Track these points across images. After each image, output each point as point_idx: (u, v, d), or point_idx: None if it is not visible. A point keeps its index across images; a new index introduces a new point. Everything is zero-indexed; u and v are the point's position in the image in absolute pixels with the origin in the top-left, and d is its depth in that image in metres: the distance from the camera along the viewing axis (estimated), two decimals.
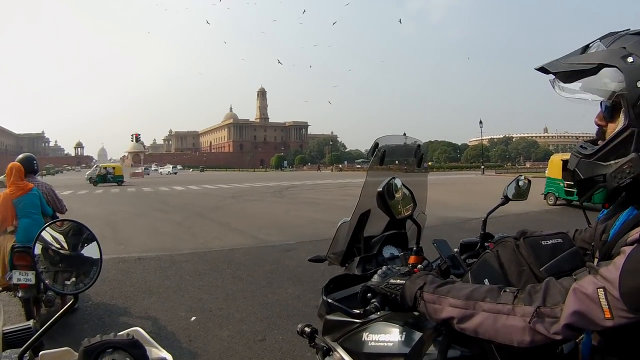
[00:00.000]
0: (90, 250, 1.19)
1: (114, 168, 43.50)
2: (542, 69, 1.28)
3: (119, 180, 41.76)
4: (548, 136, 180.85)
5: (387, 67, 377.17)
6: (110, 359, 0.94)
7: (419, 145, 2.47)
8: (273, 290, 6.33)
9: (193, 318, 5.28)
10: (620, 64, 1.14)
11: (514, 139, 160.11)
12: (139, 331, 1.26)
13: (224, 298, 6.04)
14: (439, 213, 12.35)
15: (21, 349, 1.07)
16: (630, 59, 1.12)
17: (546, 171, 18.44)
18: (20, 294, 4.75)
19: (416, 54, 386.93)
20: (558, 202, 17.16)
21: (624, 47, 1.14)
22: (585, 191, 1.29)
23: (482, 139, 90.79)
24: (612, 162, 1.19)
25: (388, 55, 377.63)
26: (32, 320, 1.33)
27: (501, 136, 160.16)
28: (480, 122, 65.42)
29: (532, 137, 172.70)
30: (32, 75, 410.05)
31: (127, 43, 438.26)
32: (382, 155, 2.35)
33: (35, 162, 5.68)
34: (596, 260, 1.27)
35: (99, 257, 1.19)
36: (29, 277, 4.71)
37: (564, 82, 1.25)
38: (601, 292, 1.01)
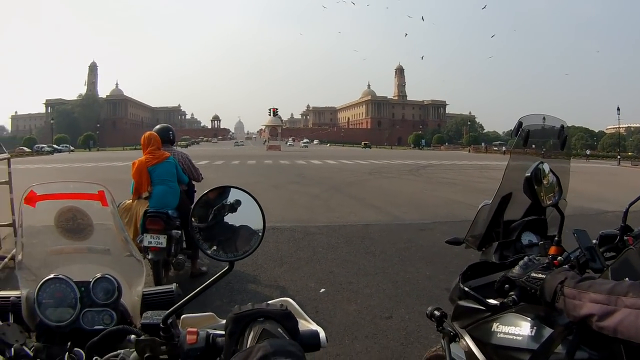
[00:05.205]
0: (249, 219, 1.14)
1: None
2: None
3: None
4: None
5: (524, 47, 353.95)
6: (261, 327, 0.92)
7: (562, 126, 2.29)
8: (404, 269, 6.27)
9: (322, 290, 5.39)
10: None
11: None
12: (291, 302, 1.24)
13: (355, 272, 6.09)
14: (573, 202, 11.25)
15: (167, 312, 1.06)
16: None
17: None
18: (150, 257, 4.97)
19: (552, 32, 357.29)
20: None
21: None
22: None
23: (619, 127, 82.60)
24: None
25: (525, 34, 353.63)
26: (174, 284, 1.36)
27: (639, 125, 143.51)
28: (618, 109, 60.77)
29: None
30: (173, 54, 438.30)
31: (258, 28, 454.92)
32: (525, 136, 2.24)
33: (171, 132, 5.95)
34: None
35: (261, 226, 1.14)
36: (160, 241, 4.97)
37: None
38: None
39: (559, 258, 1.69)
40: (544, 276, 1.35)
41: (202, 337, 1.07)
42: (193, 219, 1.14)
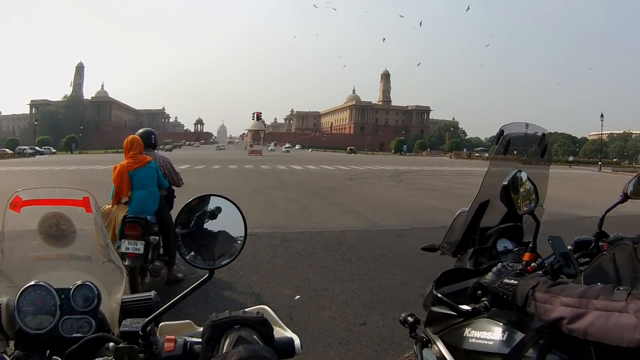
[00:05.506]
0: (230, 226, 1.18)
1: None
2: None
3: None
4: None
5: (515, 55, 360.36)
6: (237, 335, 0.94)
7: (543, 135, 2.32)
8: (380, 275, 6.28)
9: (297, 297, 5.37)
10: None
11: (633, 136, 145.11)
12: (267, 310, 1.26)
13: (331, 279, 6.08)
14: (551, 208, 11.34)
15: (146, 320, 1.08)
16: None
17: None
18: (127, 263, 4.79)
19: (543, 41, 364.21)
20: None
21: None
22: None
23: (602, 134, 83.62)
24: None
25: (515, 43, 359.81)
26: (153, 292, 1.36)
27: (621, 132, 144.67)
28: (602, 116, 61.54)
29: None
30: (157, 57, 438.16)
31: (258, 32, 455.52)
32: (506, 144, 2.28)
33: (153, 136, 5.91)
34: None
35: (243, 234, 1.18)
36: (138, 247, 4.90)
37: None
38: None
39: (532, 264, 1.69)
40: (516, 282, 1.37)
41: (179, 344, 1.09)
42: (177, 226, 1.16)
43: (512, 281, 1.39)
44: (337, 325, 4.60)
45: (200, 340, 1.03)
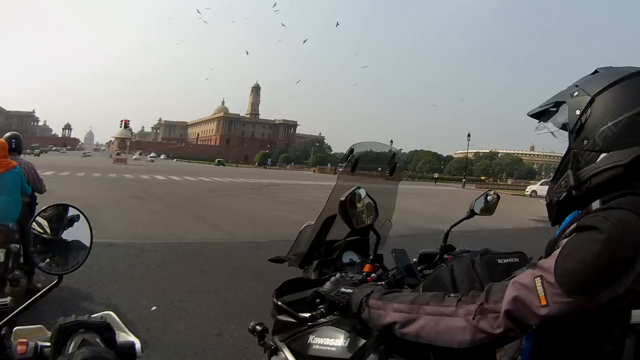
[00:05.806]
0: (81, 235, 1.25)
1: None
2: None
3: None
4: (534, 154, 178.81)
5: (385, 72, 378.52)
6: (81, 338, 1.00)
7: (393, 154, 2.51)
8: (236, 287, 6.38)
9: (153, 308, 5.31)
10: (567, 99, 1.24)
11: (499, 155, 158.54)
12: (112, 315, 1.31)
13: (187, 290, 6.07)
14: (412, 223, 12.11)
15: None
16: (575, 93, 1.22)
17: None
18: None
19: (416, 61, 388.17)
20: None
21: (577, 85, 1.25)
22: (550, 215, 1.32)
23: (467, 152, 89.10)
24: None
25: (390, 60, 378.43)
26: (8, 298, 1.32)
27: (487, 151, 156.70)
28: (469, 135, 65.16)
29: (517, 154, 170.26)
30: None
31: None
32: (355, 162, 2.40)
33: (14, 140, 5.62)
34: None
35: (89, 242, 1.25)
36: None
37: (544, 121, 1.32)
38: (538, 280, 1.06)
39: (372, 275, 1.83)
40: (351, 291, 1.45)
41: (31, 347, 1.12)
42: (30, 233, 1.22)
43: (348, 290, 1.46)
44: (193, 336, 4.63)
45: (50, 344, 1.09)
